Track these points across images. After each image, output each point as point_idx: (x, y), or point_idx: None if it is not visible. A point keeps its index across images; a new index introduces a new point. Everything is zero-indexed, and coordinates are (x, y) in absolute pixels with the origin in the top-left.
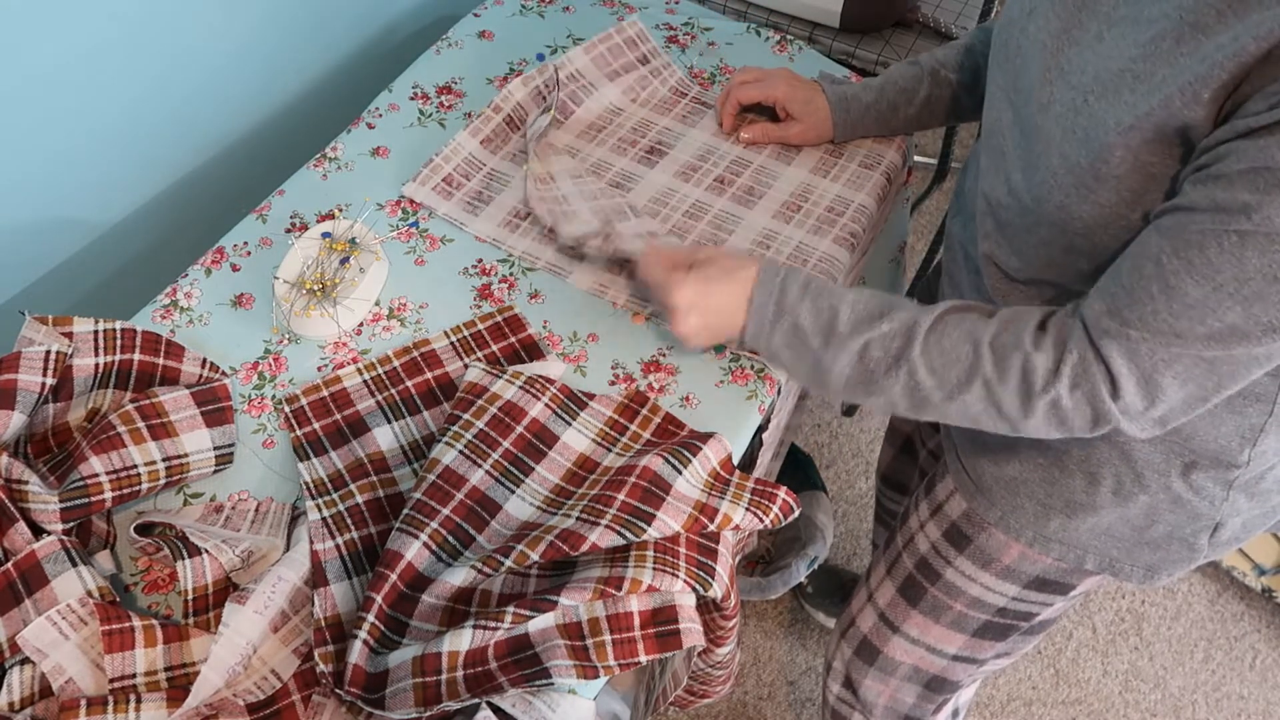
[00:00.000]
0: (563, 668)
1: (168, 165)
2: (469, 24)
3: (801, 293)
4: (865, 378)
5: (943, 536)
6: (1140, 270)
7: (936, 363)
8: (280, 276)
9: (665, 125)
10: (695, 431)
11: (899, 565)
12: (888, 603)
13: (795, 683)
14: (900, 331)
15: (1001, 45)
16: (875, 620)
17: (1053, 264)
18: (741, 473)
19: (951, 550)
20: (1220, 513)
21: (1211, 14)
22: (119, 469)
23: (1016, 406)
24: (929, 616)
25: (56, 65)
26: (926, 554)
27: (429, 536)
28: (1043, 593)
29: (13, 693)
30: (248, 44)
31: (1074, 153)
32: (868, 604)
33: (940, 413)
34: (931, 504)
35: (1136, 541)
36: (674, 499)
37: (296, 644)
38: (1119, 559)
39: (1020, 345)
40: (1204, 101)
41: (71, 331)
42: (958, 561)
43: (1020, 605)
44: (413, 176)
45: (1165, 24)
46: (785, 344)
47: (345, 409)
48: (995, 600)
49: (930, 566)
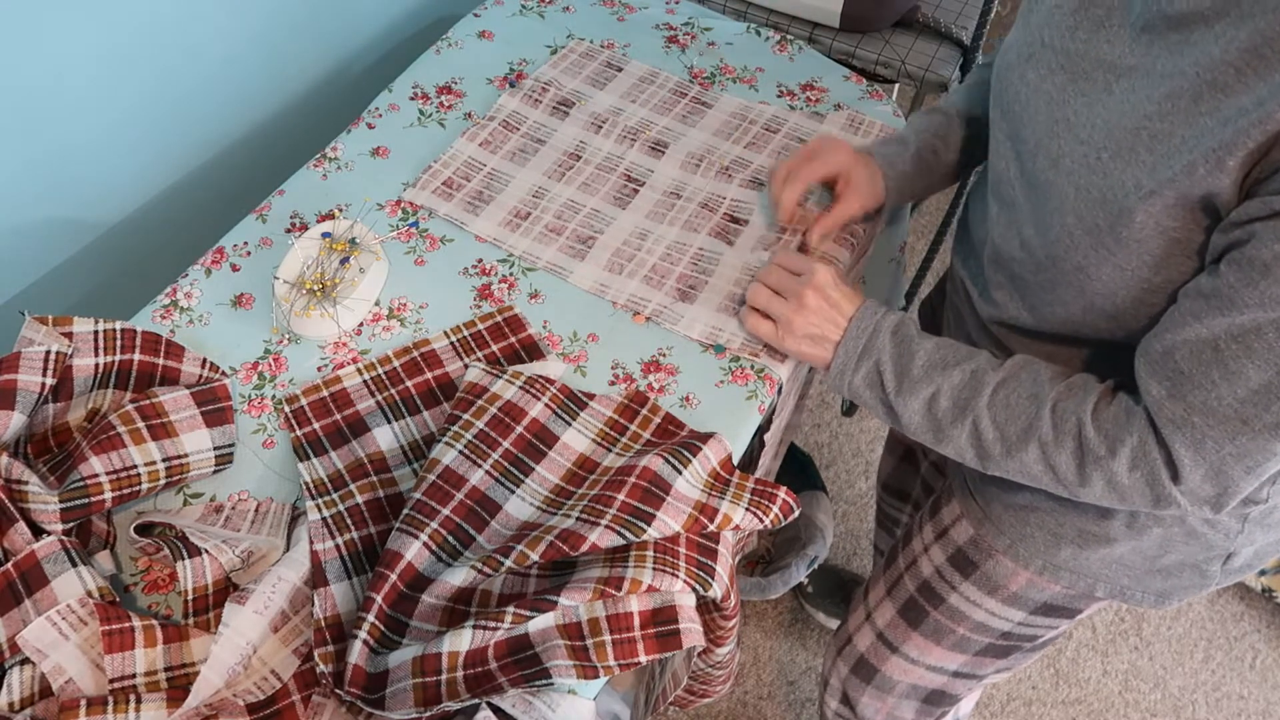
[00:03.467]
0: (563, 668)
1: (168, 165)
2: (469, 24)
3: (890, 335)
4: (934, 425)
5: (948, 561)
6: (1199, 356)
7: (1000, 416)
8: (280, 276)
9: (665, 124)
10: (695, 432)
11: (900, 587)
12: (887, 623)
13: (795, 683)
14: (969, 382)
15: (1000, 92)
16: (873, 640)
17: (1070, 322)
18: (741, 473)
19: (957, 576)
20: (1234, 544)
21: (1230, 72)
22: (119, 469)
23: (1073, 473)
24: (930, 639)
25: (56, 66)
26: (930, 578)
27: (429, 537)
28: (1049, 617)
29: (13, 693)
30: (248, 44)
31: (1090, 213)
32: (865, 623)
33: (1002, 468)
34: (937, 527)
35: (1148, 570)
36: (674, 499)
37: (296, 644)
38: (1130, 586)
39: (1079, 413)
40: (1229, 169)
41: (71, 331)
42: (963, 587)
43: (1025, 629)
44: (413, 182)
45: (1181, 81)
46: (866, 383)
47: (345, 409)
48: (1000, 625)
49: (934, 590)
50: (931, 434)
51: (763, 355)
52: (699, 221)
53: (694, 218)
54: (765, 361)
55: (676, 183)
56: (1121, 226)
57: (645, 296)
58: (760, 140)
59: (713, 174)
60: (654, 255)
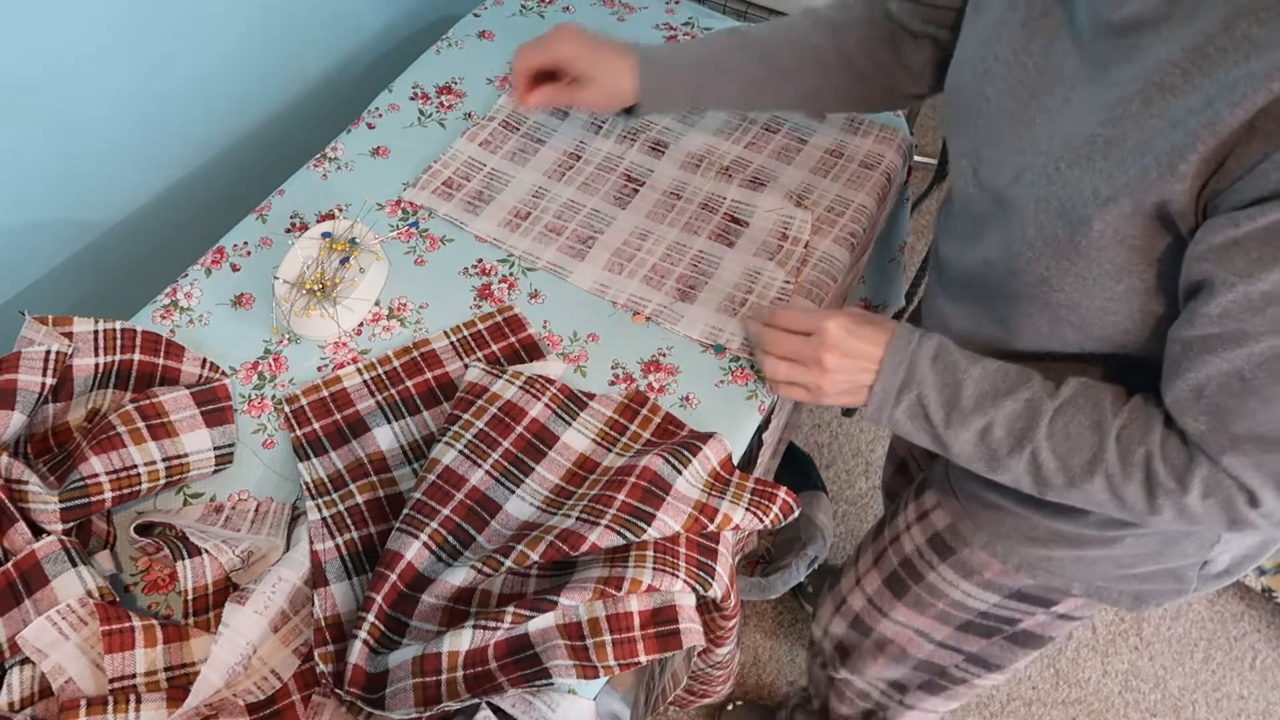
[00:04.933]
0: (563, 668)
1: (168, 165)
2: (469, 24)
3: (931, 364)
4: (988, 455)
5: (927, 543)
6: (1229, 389)
7: (1061, 447)
8: (280, 276)
9: (665, 124)
10: (695, 432)
11: (885, 559)
12: (875, 590)
13: (795, 683)
14: (1025, 411)
15: (958, 110)
16: (865, 603)
17: (1039, 336)
18: (741, 473)
19: (935, 557)
20: (1211, 551)
21: (1177, 73)
22: (119, 469)
23: (1142, 502)
24: (914, 609)
25: (56, 65)
26: (910, 555)
27: (429, 536)
28: (1025, 603)
29: (13, 693)
30: (248, 44)
31: (1050, 224)
32: (856, 587)
33: (1062, 496)
34: (919, 509)
35: (1123, 575)
36: (674, 499)
37: (296, 644)
38: (1105, 588)
39: (1147, 444)
40: (1180, 175)
41: (71, 331)
42: (940, 568)
43: (1002, 611)
44: (413, 182)
45: (1131, 86)
46: (908, 416)
47: (345, 409)
48: (977, 605)
49: (914, 567)
50: (985, 464)
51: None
52: (699, 223)
53: (694, 219)
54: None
55: (676, 183)
56: (1080, 236)
57: (645, 296)
58: (760, 140)
59: (713, 174)
60: (654, 255)
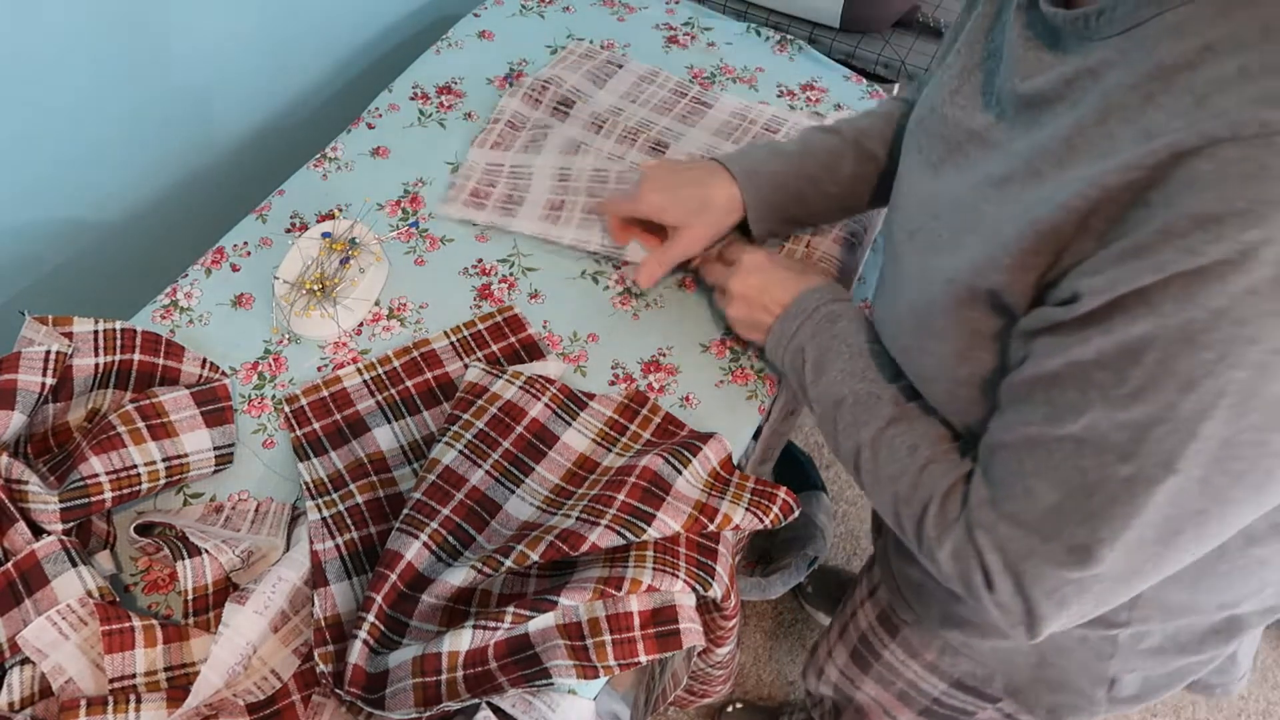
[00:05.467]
0: (563, 668)
1: (168, 165)
2: (469, 24)
3: (823, 324)
4: (830, 428)
5: (877, 619)
6: (1008, 464)
7: (881, 454)
8: (280, 276)
9: (665, 124)
10: (695, 431)
11: (847, 633)
12: (844, 664)
13: (795, 683)
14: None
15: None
16: (839, 674)
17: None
18: (741, 473)
19: (885, 635)
20: (1112, 668)
21: (1049, 160)
22: (119, 469)
23: (911, 534)
24: (879, 685)
25: (56, 66)
26: (865, 630)
27: (429, 537)
28: (967, 694)
29: (13, 693)
30: (248, 44)
31: (919, 293)
32: (829, 658)
33: (869, 493)
34: (870, 583)
35: (1035, 677)
36: (674, 499)
37: (296, 644)
38: (1023, 690)
39: (935, 487)
40: (1005, 268)
41: (71, 331)
42: (890, 646)
43: (953, 701)
44: (444, 200)
45: (1015, 162)
46: (791, 365)
47: (345, 409)
48: (930, 690)
49: (870, 644)
50: (828, 435)
51: (765, 357)
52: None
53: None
54: (765, 362)
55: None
56: (932, 313)
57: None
58: (761, 140)
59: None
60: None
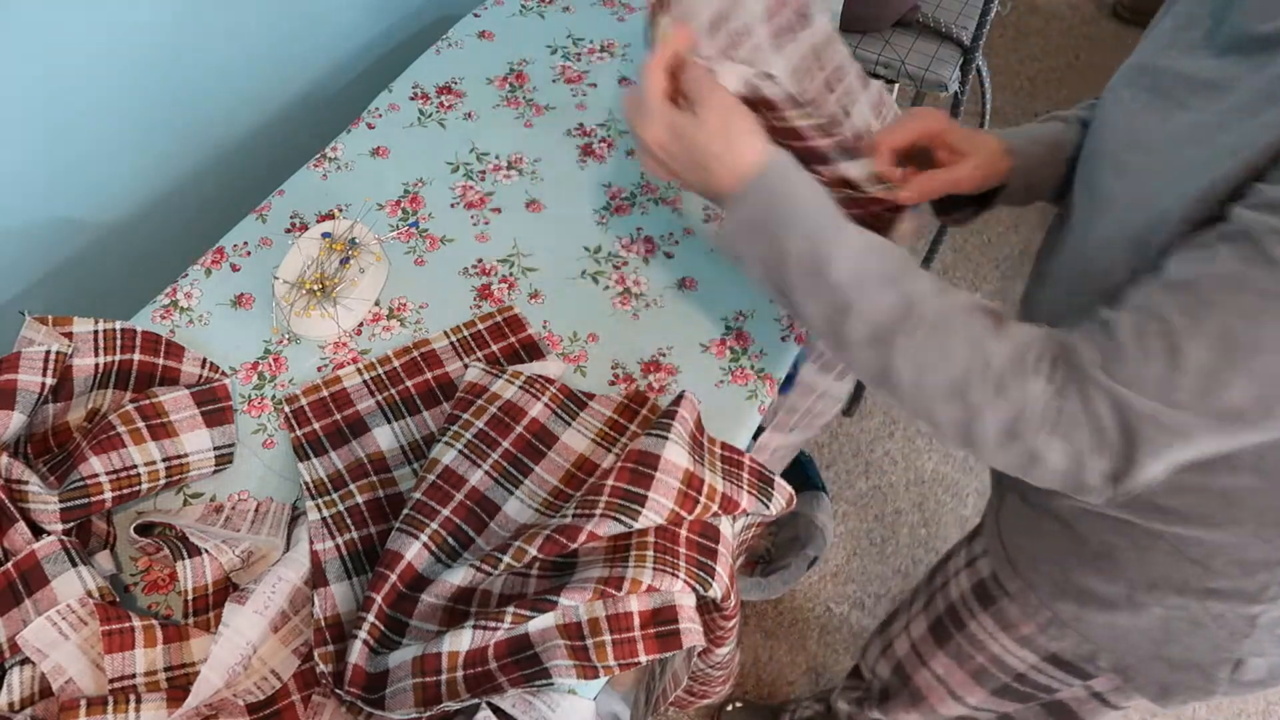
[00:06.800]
0: (563, 668)
1: (168, 165)
2: (469, 24)
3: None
4: (836, 339)
5: (971, 590)
6: (1142, 327)
7: (923, 359)
8: (280, 276)
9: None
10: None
11: (933, 604)
12: (919, 636)
13: (795, 683)
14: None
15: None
16: (909, 648)
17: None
18: (710, 437)
19: (976, 605)
20: (1242, 649)
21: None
22: (119, 469)
23: (993, 436)
24: (954, 660)
25: (56, 66)
26: (955, 601)
27: (429, 537)
28: (1061, 670)
29: (13, 693)
30: (248, 44)
31: (1133, 219)
32: (905, 631)
33: (904, 406)
34: (969, 554)
35: (1153, 654)
36: (662, 473)
37: (296, 644)
38: (1134, 667)
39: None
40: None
41: (71, 331)
42: (980, 617)
43: (1038, 676)
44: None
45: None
46: (760, 259)
47: (345, 409)
48: (1015, 664)
49: (957, 614)
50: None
51: (764, 357)
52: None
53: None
54: (765, 362)
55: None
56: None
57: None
58: None
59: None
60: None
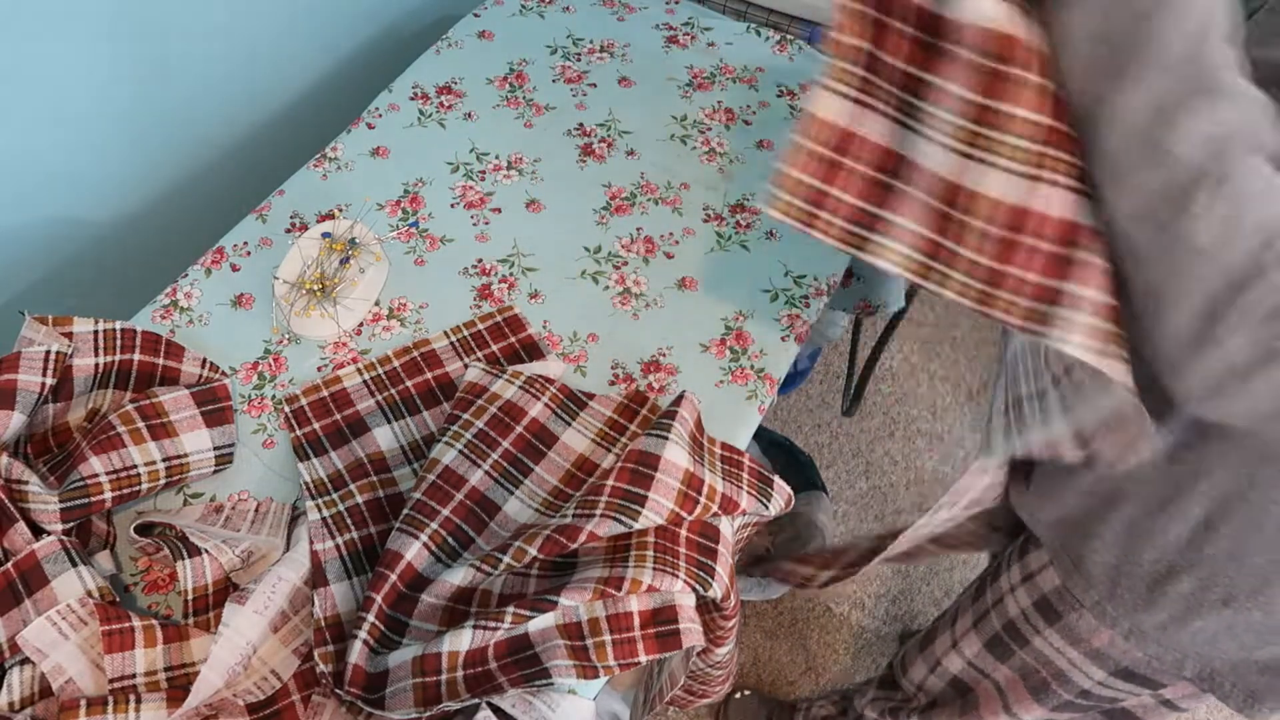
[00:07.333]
0: (563, 668)
1: (168, 165)
2: (469, 24)
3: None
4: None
5: (1033, 606)
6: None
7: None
8: (280, 276)
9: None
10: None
11: (986, 622)
12: (975, 654)
13: (795, 683)
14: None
15: None
16: (964, 665)
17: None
18: (710, 437)
19: (1041, 621)
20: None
21: None
22: (119, 469)
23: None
24: (1018, 674)
25: (56, 66)
26: (1015, 618)
27: (429, 537)
28: (1129, 683)
29: (13, 693)
30: (248, 44)
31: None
32: (953, 649)
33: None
34: (1024, 570)
35: (1244, 659)
36: (662, 473)
37: (296, 644)
38: (1220, 673)
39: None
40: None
41: (71, 331)
42: (1046, 633)
43: (1105, 690)
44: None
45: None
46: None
47: (345, 409)
48: (1081, 681)
49: (1019, 631)
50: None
51: (764, 357)
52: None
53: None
54: (765, 362)
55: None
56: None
57: None
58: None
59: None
60: None
